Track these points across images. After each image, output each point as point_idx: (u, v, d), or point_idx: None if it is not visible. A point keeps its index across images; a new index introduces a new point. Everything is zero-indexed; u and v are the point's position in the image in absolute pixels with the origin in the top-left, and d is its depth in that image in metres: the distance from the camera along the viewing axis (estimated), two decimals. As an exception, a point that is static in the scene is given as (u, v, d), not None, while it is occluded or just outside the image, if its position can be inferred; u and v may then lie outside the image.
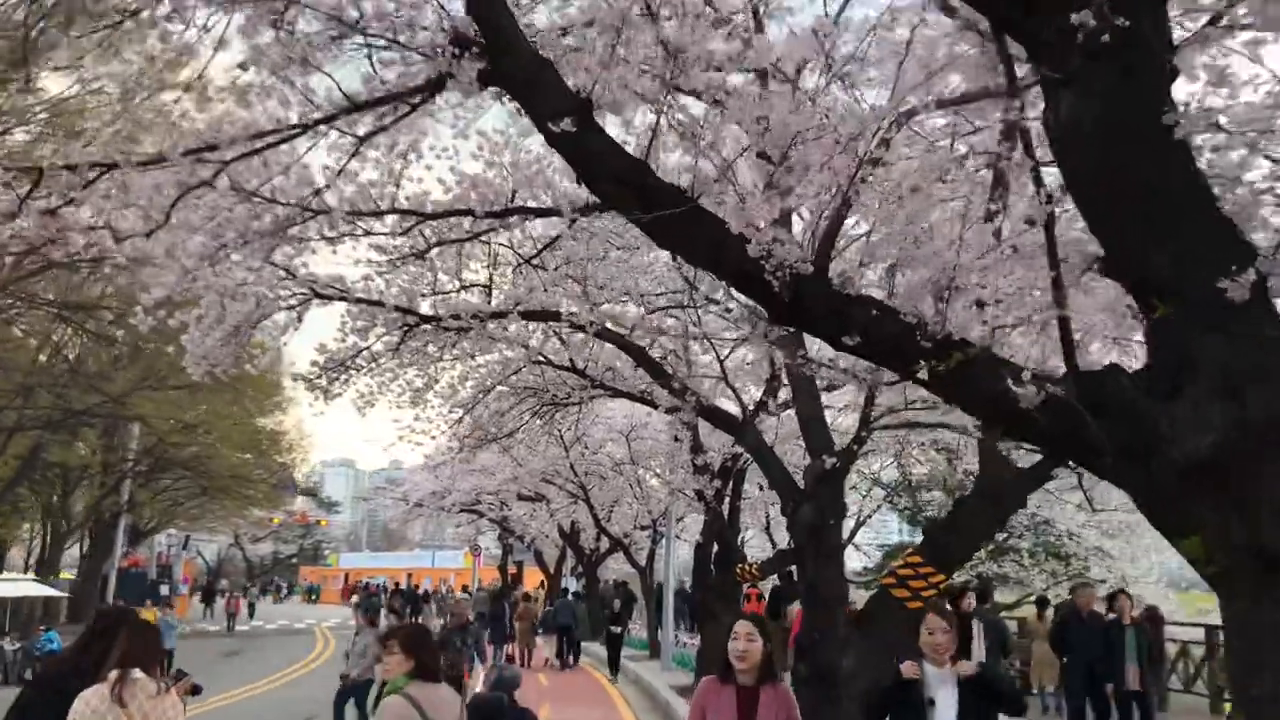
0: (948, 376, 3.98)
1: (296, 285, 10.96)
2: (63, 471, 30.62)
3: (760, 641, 4.92)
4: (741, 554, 15.95)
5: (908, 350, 4.01)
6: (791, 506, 8.55)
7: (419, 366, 14.85)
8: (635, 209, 4.20)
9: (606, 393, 17.07)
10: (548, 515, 27.63)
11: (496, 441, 18.06)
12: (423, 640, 4.79)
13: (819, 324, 4.17)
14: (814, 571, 8.42)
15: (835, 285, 4.16)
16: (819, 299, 4.11)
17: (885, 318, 4.07)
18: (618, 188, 4.23)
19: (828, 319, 4.13)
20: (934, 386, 4.11)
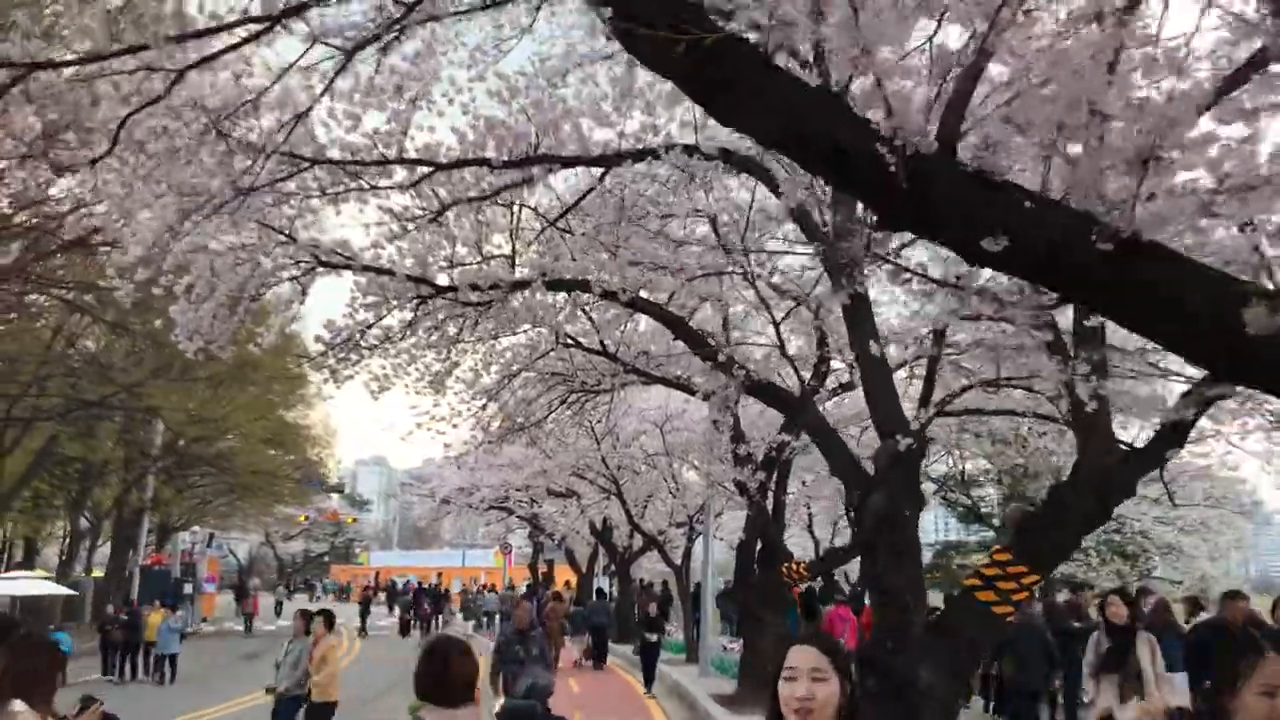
0: (1134, 293, 2.77)
1: (297, 251, 9.93)
2: (84, 467, 29.92)
3: (833, 681, 2.59)
4: (787, 552, 14.73)
5: (1076, 256, 2.81)
6: (859, 495, 7.36)
7: (437, 349, 13.79)
8: (683, 69, 3.04)
9: (639, 379, 15.92)
10: (579, 512, 26.51)
11: (524, 432, 16.95)
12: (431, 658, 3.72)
13: (946, 222, 3.00)
14: (886, 570, 7.21)
15: (968, 168, 2.97)
16: (948, 185, 2.93)
17: (1044, 211, 2.87)
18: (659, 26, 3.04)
19: (959, 215, 2.95)
20: (1111, 307, 2.91)
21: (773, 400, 9.34)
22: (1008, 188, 2.94)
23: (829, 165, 3.07)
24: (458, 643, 3.77)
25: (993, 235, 2.88)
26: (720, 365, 8.85)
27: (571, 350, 16.08)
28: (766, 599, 14.12)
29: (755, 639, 14.12)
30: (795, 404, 8.68)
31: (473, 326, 12.95)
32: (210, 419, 24.53)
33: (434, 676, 3.50)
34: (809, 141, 2.97)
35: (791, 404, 8.83)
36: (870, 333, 7.59)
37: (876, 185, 2.94)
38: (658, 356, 15.69)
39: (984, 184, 2.92)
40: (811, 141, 2.96)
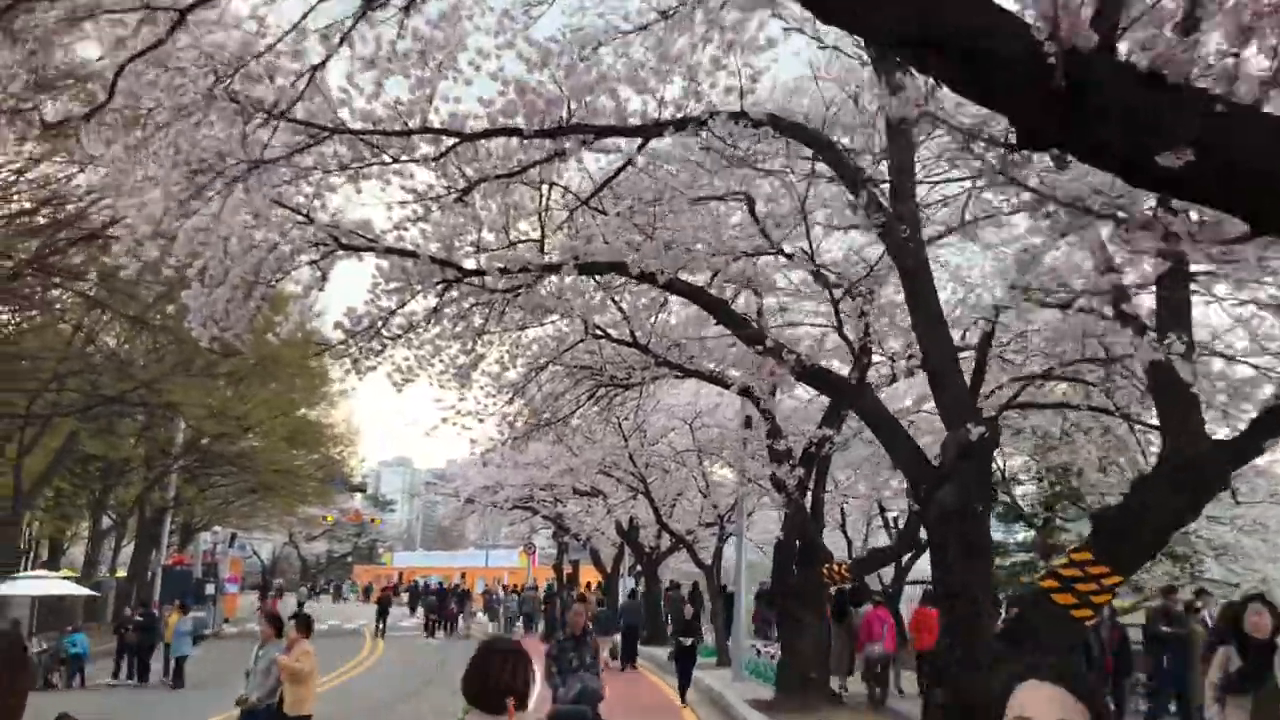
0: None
1: (316, 232, 9.41)
2: (105, 466, 29.63)
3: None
4: (827, 551, 14.10)
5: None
6: (924, 489, 6.74)
7: (462, 341, 13.28)
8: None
9: (671, 372, 15.35)
10: (605, 511, 25.93)
11: (550, 428, 16.39)
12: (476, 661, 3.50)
13: (1109, 133, 2.39)
14: (955, 568, 6.59)
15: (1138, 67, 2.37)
16: (1114, 87, 2.33)
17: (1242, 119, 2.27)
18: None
19: (1127, 123, 2.34)
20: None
21: (825, 387, 8.70)
22: (1190, 91, 2.34)
23: (964, 64, 2.47)
24: (505, 646, 3.50)
25: (1171, 149, 2.28)
26: (769, 350, 8.24)
27: (600, 342, 15.53)
28: (806, 601, 13.50)
29: (794, 642, 13.51)
30: (851, 391, 8.04)
31: (499, 316, 12.41)
32: (231, 415, 24.10)
33: (478, 680, 3.31)
34: (942, 36, 2.38)
35: (846, 391, 8.20)
36: (934, 310, 6.97)
37: (1023, 88, 2.35)
38: (690, 348, 15.12)
39: (1160, 86, 2.33)
40: (945, 37, 2.37)
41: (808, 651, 13.50)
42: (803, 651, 13.47)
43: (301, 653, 9.43)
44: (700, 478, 21.13)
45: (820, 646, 13.65)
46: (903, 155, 7.34)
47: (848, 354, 14.40)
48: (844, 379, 8.55)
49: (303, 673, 9.36)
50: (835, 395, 9.04)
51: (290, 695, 9.36)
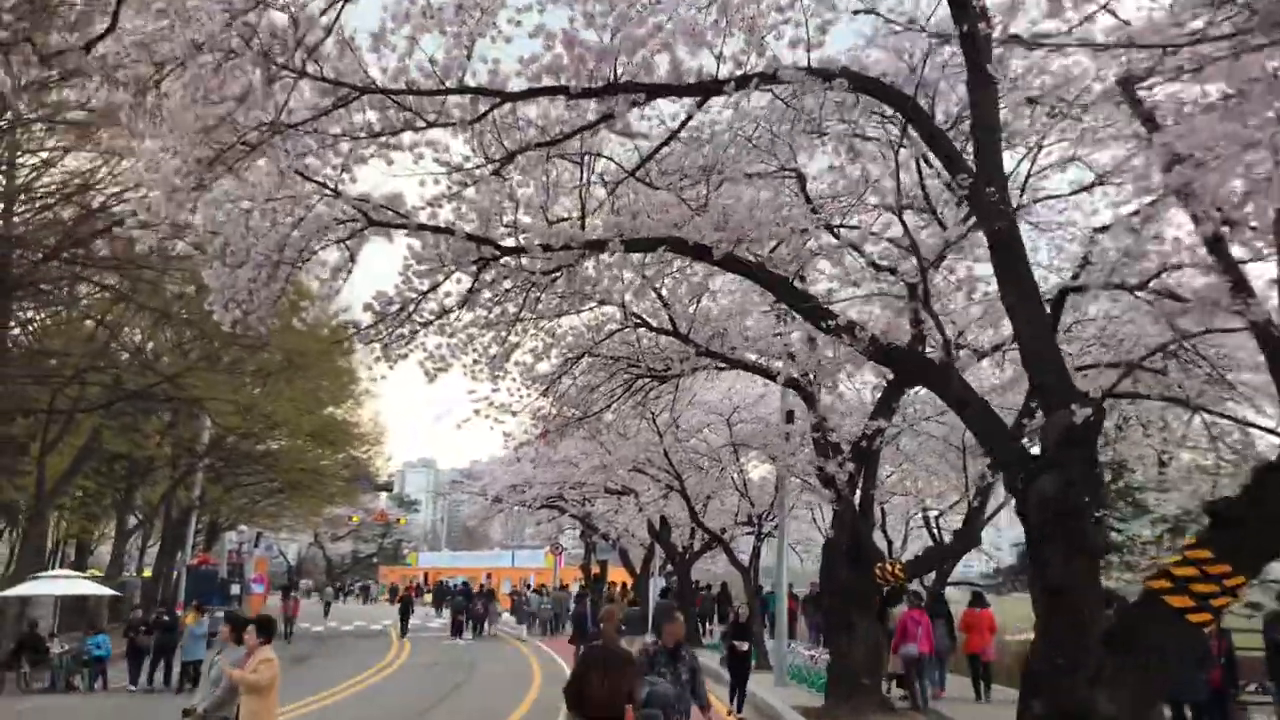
0: None
1: (344, 208, 8.81)
2: (130, 464, 29.28)
3: None
4: (878, 551, 13.41)
5: None
6: (1022, 478, 6.04)
7: (496, 329, 12.70)
8: None
9: (713, 362, 14.69)
10: (636, 509, 25.26)
11: (584, 422, 15.74)
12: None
13: None
14: (1056, 568, 5.89)
15: None
16: None
17: None
18: None
19: None
20: None
21: (906, 369, 7.91)
22: None
23: None
24: (607, 657, 3.63)
25: None
26: (839, 328, 7.52)
27: (638, 332, 14.89)
28: (857, 602, 12.79)
29: (845, 647, 12.81)
30: (935, 371, 7.30)
31: (535, 303, 11.81)
32: (258, 413, 23.60)
33: (577, 689, 3.20)
34: None
35: (930, 371, 7.44)
36: (1027, 280, 6.27)
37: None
38: (732, 338, 14.45)
39: None
40: None
41: (859, 656, 12.79)
42: (854, 656, 12.76)
43: (261, 661, 8.21)
44: (737, 475, 20.44)
45: (872, 651, 12.94)
46: (986, 111, 6.63)
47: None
48: (925, 360, 7.81)
49: (260, 684, 8.15)
50: (917, 379, 8.22)
51: (247, 708, 8.17)
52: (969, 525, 12.22)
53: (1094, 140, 7.76)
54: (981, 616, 17.24)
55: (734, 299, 14.40)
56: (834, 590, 13.10)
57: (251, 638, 8.42)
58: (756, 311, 15.28)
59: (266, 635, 8.58)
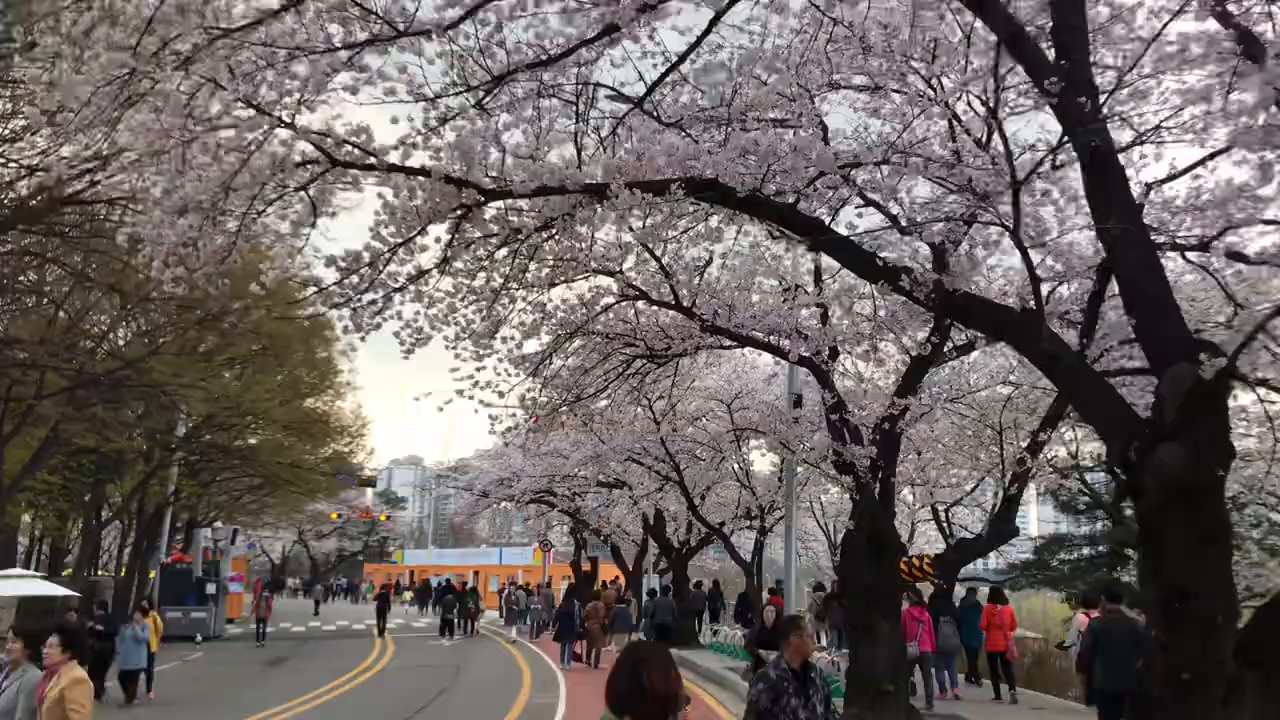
0: None
1: (303, 147, 7.56)
2: (99, 459, 27.84)
3: None
4: (901, 545, 12.25)
5: None
6: (1136, 449, 4.84)
7: (480, 301, 11.48)
8: None
9: (719, 340, 13.48)
10: (631, 503, 24.05)
11: (577, 407, 14.53)
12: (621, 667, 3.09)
13: None
14: (1180, 560, 4.71)
15: None
16: None
17: None
18: None
19: None
20: None
21: (984, 323, 6.53)
22: None
23: None
24: (655, 650, 3.14)
25: None
26: (887, 270, 6.25)
27: (638, 307, 13.69)
28: (879, 601, 11.61)
29: (866, 652, 11.63)
30: (1018, 323, 6.00)
31: (523, 270, 10.61)
32: (229, 399, 22.20)
33: (631, 687, 2.90)
34: None
35: (1016, 325, 6.11)
36: (1127, 200, 5.08)
37: None
38: (739, 313, 13.26)
39: None
40: None
41: (882, 661, 11.61)
42: (876, 660, 11.58)
43: (71, 682, 6.21)
44: (739, 465, 19.26)
45: (897, 655, 11.76)
46: (1071, 9, 5.45)
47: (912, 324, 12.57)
48: (1007, 312, 6.51)
49: (73, 708, 6.15)
50: (998, 335, 6.86)
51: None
52: (1004, 515, 11.06)
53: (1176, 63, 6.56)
54: (1002, 613, 16.28)
55: (738, 273, 13.19)
56: (854, 588, 11.91)
57: (54, 653, 6.32)
58: (765, 283, 14.15)
59: (73, 650, 6.48)
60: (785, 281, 13.71)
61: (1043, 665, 17.32)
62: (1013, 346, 6.89)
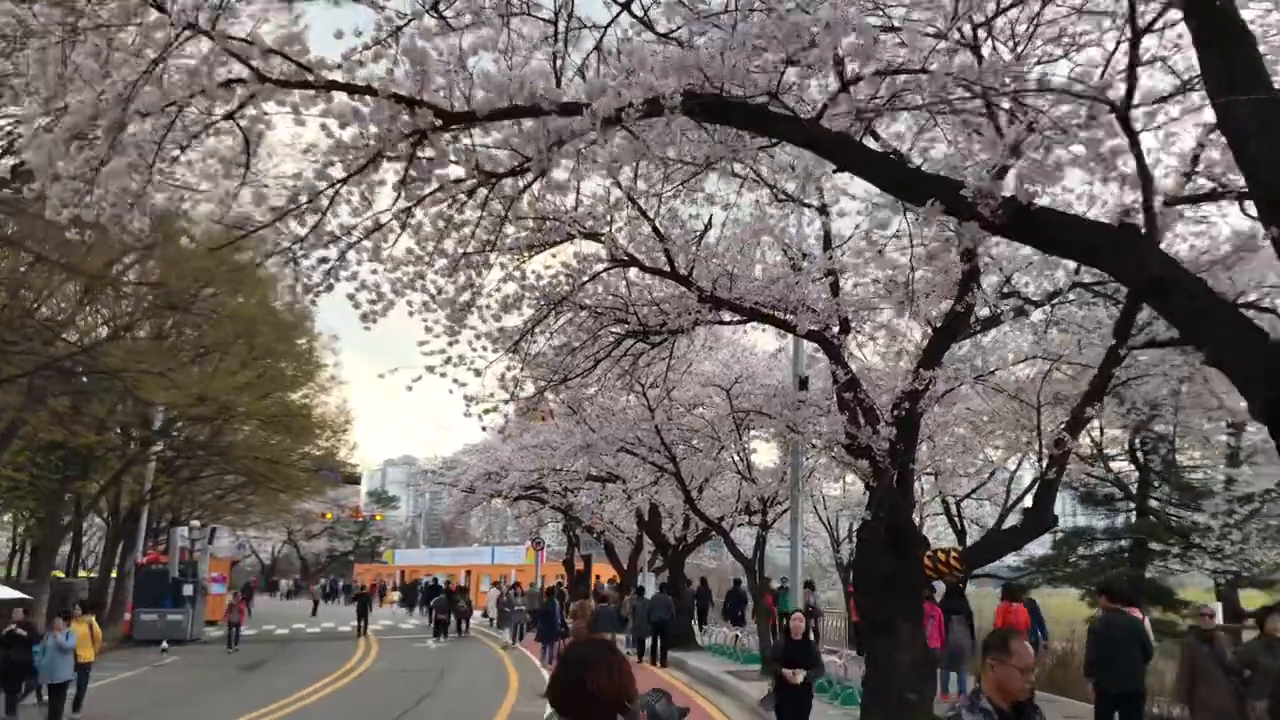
0: None
1: (223, 56, 6.33)
2: (66, 454, 26.50)
3: None
4: (922, 537, 11.05)
5: None
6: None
7: (449, 267, 10.27)
8: None
9: (720, 312, 12.22)
10: (624, 498, 22.77)
11: (564, 389, 13.29)
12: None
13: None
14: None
15: None
16: None
17: None
18: None
19: None
20: None
21: (1078, 243, 4.97)
22: None
23: None
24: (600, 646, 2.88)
25: None
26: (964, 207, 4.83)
27: (629, 277, 12.45)
28: (899, 600, 10.39)
29: (886, 656, 10.42)
30: (1120, 245, 4.63)
31: (498, 227, 9.39)
32: (195, 389, 20.83)
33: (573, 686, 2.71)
34: None
35: (1111, 245, 4.70)
36: (1258, 67, 3.86)
37: None
38: (740, 283, 12.02)
39: None
40: None
41: (904, 666, 10.39)
42: (897, 666, 10.37)
43: None
44: (740, 456, 18.01)
45: (920, 660, 10.55)
46: None
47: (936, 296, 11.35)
48: (1101, 223, 5.13)
49: None
50: (1079, 250, 5.37)
51: None
52: (1043, 503, 9.84)
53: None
54: (1018, 612, 15.16)
55: (739, 238, 11.91)
56: (872, 585, 10.69)
57: None
58: (770, 256, 12.92)
59: None
60: (791, 252, 12.48)
61: (1066, 668, 16.16)
62: (1110, 273, 5.64)
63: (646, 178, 10.28)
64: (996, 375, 11.92)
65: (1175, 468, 18.14)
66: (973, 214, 4.56)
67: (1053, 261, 12.00)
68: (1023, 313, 11.71)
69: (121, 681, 20.02)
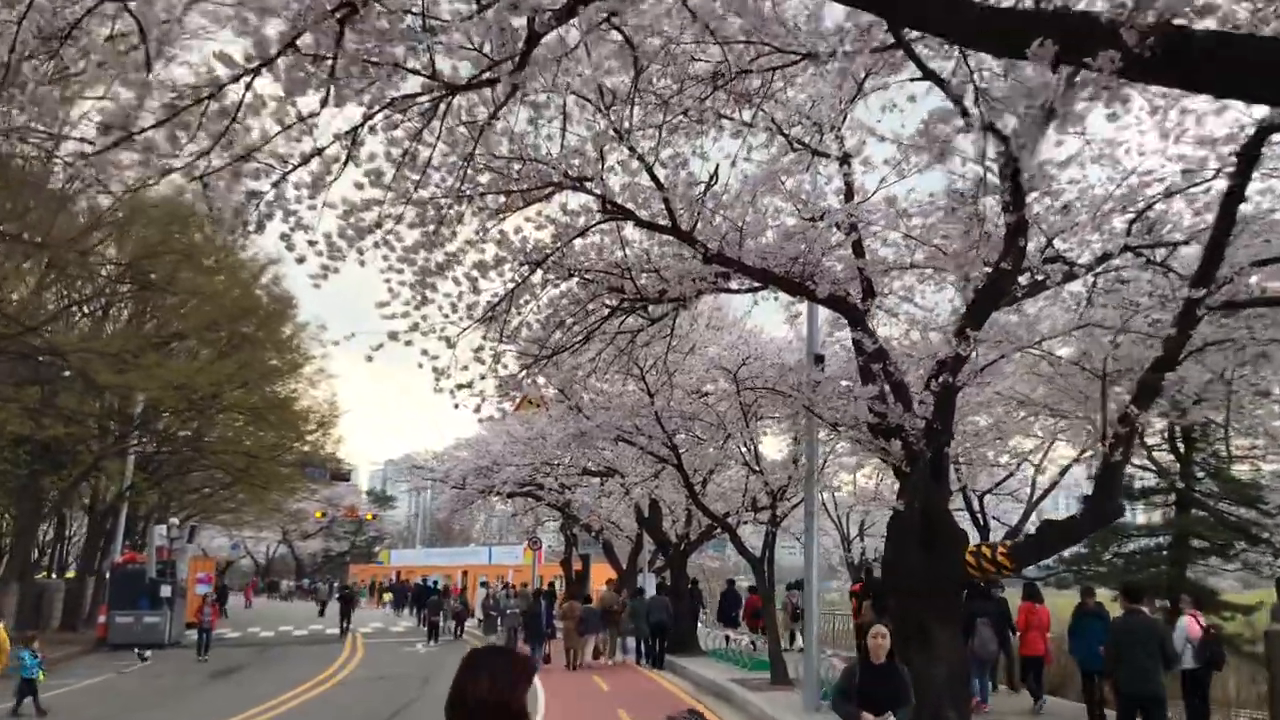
0: None
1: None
2: (33, 448, 25.06)
3: None
4: (960, 531, 9.62)
5: None
6: None
7: (418, 219, 8.97)
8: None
9: (733, 274, 10.76)
10: (623, 493, 21.32)
11: (548, 368, 11.82)
12: None
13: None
14: None
15: None
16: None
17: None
18: None
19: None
20: None
21: (1243, 57, 3.58)
22: None
23: None
24: (492, 651, 2.76)
25: None
26: (1092, 28, 3.40)
27: (623, 238, 11.00)
28: (936, 602, 8.98)
29: (919, 665, 8.99)
30: None
31: (465, 164, 8.00)
32: (152, 371, 19.37)
33: (454, 694, 2.63)
34: None
35: None
36: None
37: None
38: (750, 245, 10.58)
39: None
40: None
41: (939, 678, 8.97)
42: (932, 677, 8.94)
43: None
44: (748, 446, 16.57)
45: (958, 669, 9.13)
46: None
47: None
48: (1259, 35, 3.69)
49: None
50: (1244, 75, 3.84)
51: None
52: (1107, 489, 8.40)
53: None
54: (1040, 614, 14.13)
55: (749, 192, 10.44)
56: (904, 585, 9.27)
57: None
58: (785, 217, 11.47)
59: None
60: (805, 210, 11.04)
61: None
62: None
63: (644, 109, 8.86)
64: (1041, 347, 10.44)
65: (1226, 459, 16.66)
66: (1111, 43, 3.15)
67: (1101, 222, 10.66)
68: (1072, 276, 10.30)
69: (83, 689, 18.61)
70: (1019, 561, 8.79)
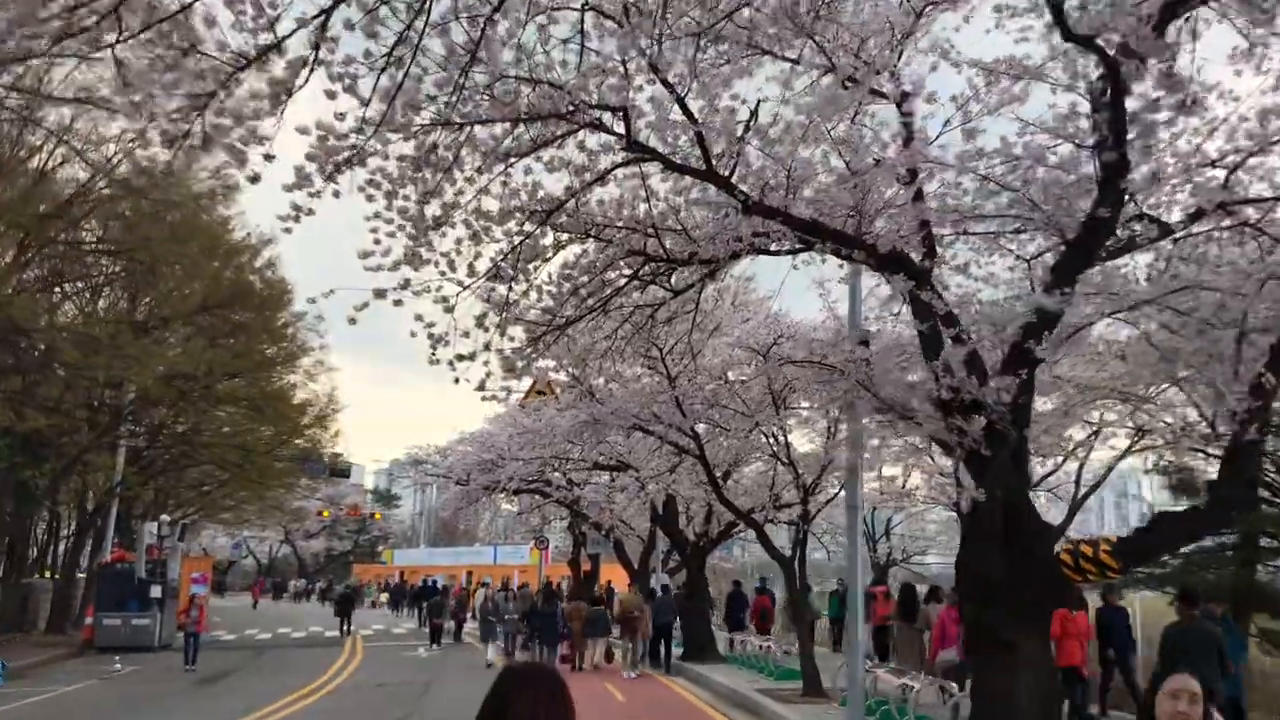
0: None
1: None
2: (13, 441, 23.72)
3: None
4: (1047, 526, 8.21)
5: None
6: None
7: (412, 164, 7.66)
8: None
9: (764, 239, 9.38)
10: (637, 488, 19.88)
11: (561, 339, 10.41)
12: None
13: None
14: None
15: None
16: None
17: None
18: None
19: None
20: None
21: None
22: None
23: None
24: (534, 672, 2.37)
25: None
26: None
27: (649, 188, 9.58)
28: (1023, 611, 7.56)
29: (995, 679, 7.61)
30: None
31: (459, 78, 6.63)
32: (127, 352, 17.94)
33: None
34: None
35: None
36: None
37: None
38: (797, 193, 9.17)
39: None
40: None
41: (1022, 700, 7.55)
42: (1016, 696, 7.53)
43: None
44: (777, 436, 15.14)
45: (1044, 684, 7.71)
46: None
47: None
48: None
49: None
50: None
51: None
52: (1240, 472, 6.98)
53: None
54: (1077, 620, 12.68)
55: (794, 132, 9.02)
56: (980, 589, 7.85)
57: None
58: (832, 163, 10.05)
59: None
60: (858, 158, 9.60)
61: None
62: None
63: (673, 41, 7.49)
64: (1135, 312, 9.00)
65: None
66: None
67: (1192, 176, 9.30)
68: (1168, 231, 8.91)
69: (56, 698, 17.24)
70: (1125, 561, 7.37)
